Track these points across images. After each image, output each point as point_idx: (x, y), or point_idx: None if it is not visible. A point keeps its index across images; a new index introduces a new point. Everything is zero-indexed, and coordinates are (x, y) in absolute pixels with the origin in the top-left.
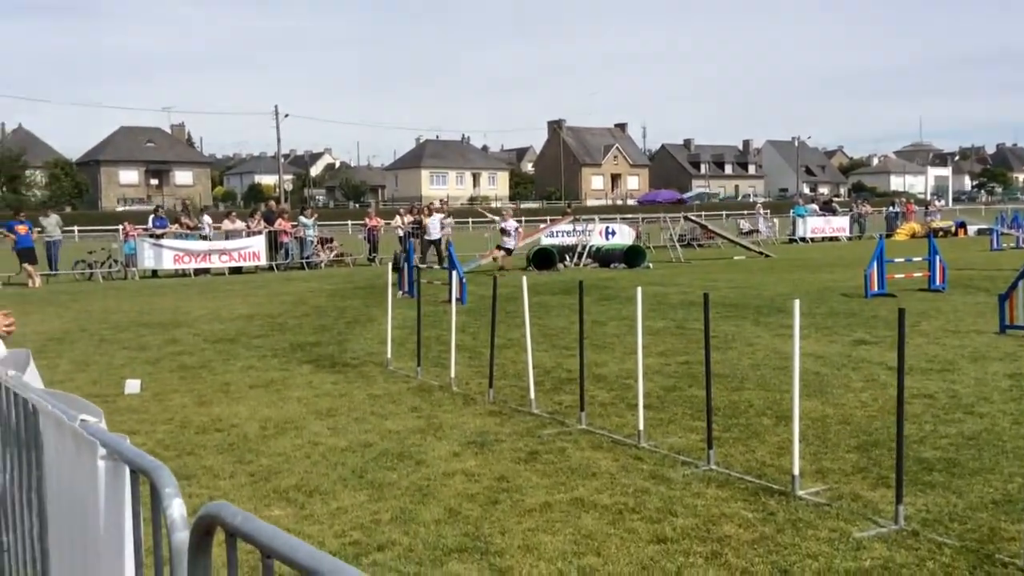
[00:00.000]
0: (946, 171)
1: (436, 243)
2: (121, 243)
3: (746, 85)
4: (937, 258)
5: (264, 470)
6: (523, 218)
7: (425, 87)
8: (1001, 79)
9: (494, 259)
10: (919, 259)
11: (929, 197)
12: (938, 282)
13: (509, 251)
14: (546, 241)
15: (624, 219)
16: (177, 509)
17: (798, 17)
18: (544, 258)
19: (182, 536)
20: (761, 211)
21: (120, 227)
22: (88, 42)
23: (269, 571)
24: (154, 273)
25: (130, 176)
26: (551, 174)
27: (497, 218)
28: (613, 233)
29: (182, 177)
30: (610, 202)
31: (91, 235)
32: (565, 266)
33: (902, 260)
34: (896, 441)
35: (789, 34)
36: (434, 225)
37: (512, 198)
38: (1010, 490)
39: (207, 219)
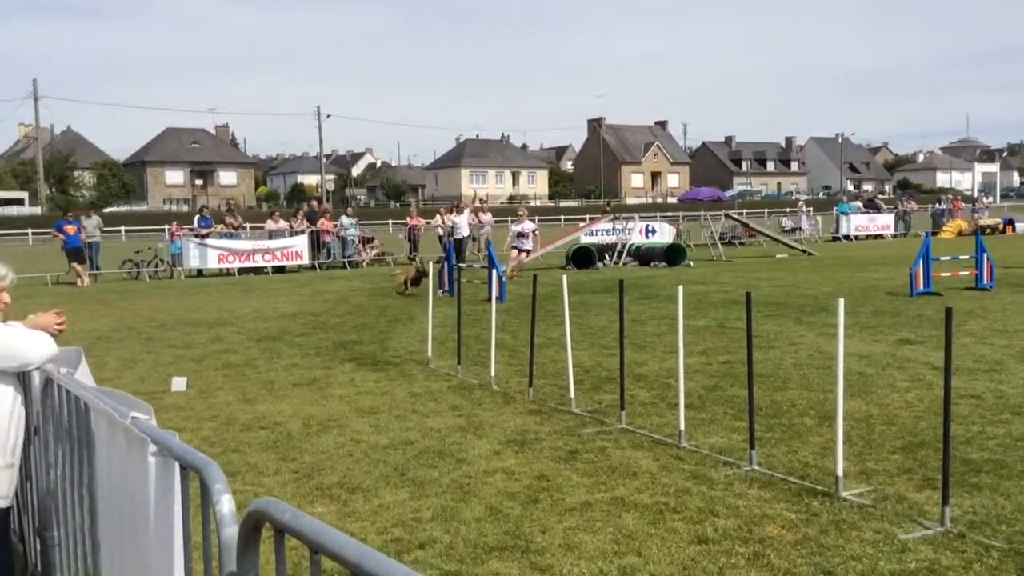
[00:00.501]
0: (994, 167)
1: (462, 241)
2: (168, 243)
3: (789, 82)
4: (984, 256)
5: (307, 467)
6: (562, 217)
7: (465, 86)
8: None
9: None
10: (966, 257)
11: (976, 194)
12: (986, 280)
13: (527, 253)
14: (585, 239)
15: (664, 217)
16: (227, 505)
17: (842, 12)
18: (583, 256)
19: (231, 531)
20: (804, 208)
21: (166, 227)
22: (134, 44)
23: (316, 567)
24: (199, 272)
25: (176, 176)
26: (591, 172)
27: (510, 220)
28: (653, 231)
29: (226, 177)
30: (650, 200)
31: (137, 235)
32: (605, 264)
33: (948, 258)
34: (943, 442)
35: (833, 30)
36: (461, 223)
37: (551, 196)
38: None
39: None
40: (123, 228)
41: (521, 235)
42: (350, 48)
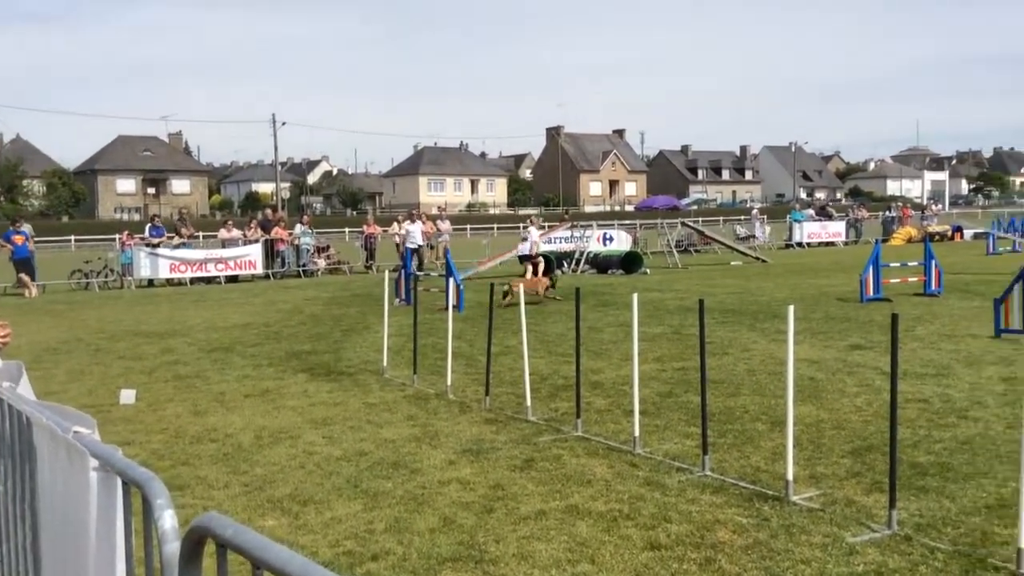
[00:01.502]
0: (943, 175)
1: (419, 250)
2: (118, 252)
3: (744, 92)
4: (933, 262)
5: (258, 480)
6: (520, 225)
7: (423, 94)
8: (998, 83)
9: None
10: (915, 264)
11: (926, 201)
12: (934, 287)
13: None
14: (544, 247)
15: (622, 225)
16: (168, 520)
17: (795, 23)
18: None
19: (173, 547)
20: (757, 216)
21: (117, 236)
22: (85, 51)
23: None
24: (150, 282)
25: (127, 185)
26: (549, 180)
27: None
28: (611, 239)
29: (179, 186)
30: (608, 208)
31: (88, 244)
32: (563, 272)
33: (898, 265)
34: (890, 446)
35: (786, 40)
36: (415, 232)
37: (511, 204)
38: (1003, 494)
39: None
40: (73, 238)
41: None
42: (306, 55)
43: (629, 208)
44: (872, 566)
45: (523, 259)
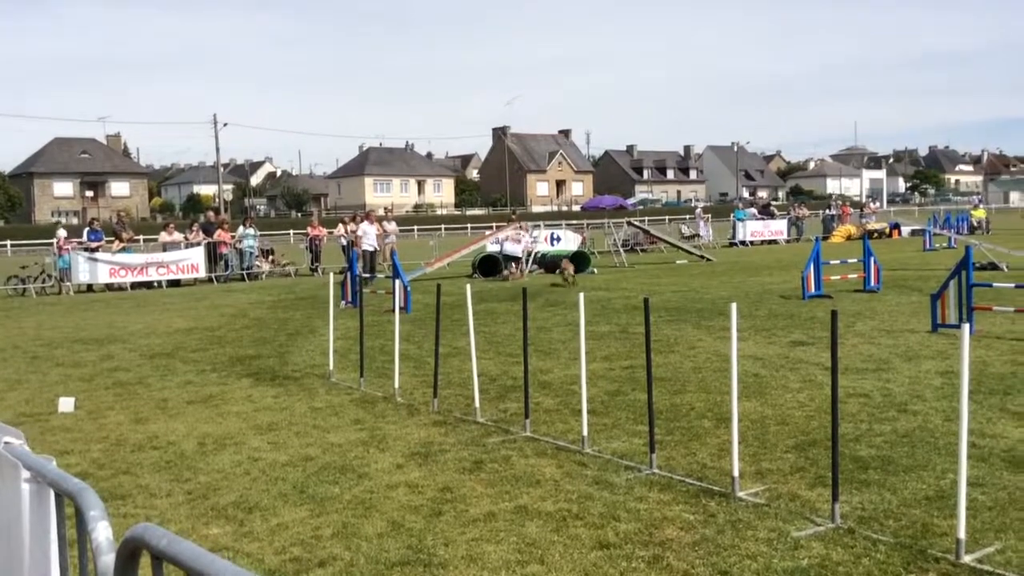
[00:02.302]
0: (880, 174)
1: (372, 254)
2: (55, 257)
3: (687, 92)
4: (872, 259)
5: (202, 487)
6: (468, 226)
7: (368, 94)
8: (933, 83)
9: (509, 275)
10: (854, 260)
11: (864, 199)
12: (873, 283)
13: (516, 260)
14: (492, 248)
15: (569, 225)
16: (102, 532)
17: (736, 23)
18: (490, 265)
19: (107, 560)
20: (701, 216)
21: (53, 240)
22: (18, 50)
23: None
24: (89, 288)
25: (65, 188)
26: (496, 181)
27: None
28: (558, 239)
29: (119, 188)
30: (555, 208)
31: (24, 249)
32: (511, 272)
33: (838, 262)
34: (832, 440)
35: (727, 41)
36: (368, 234)
37: (458, 205)
38: (942, 486)
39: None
40: (9, 243)
41: (513, 240)
42: (248, 55)
43: (576, 208)
44: (816, 559)
45: (510, 259)
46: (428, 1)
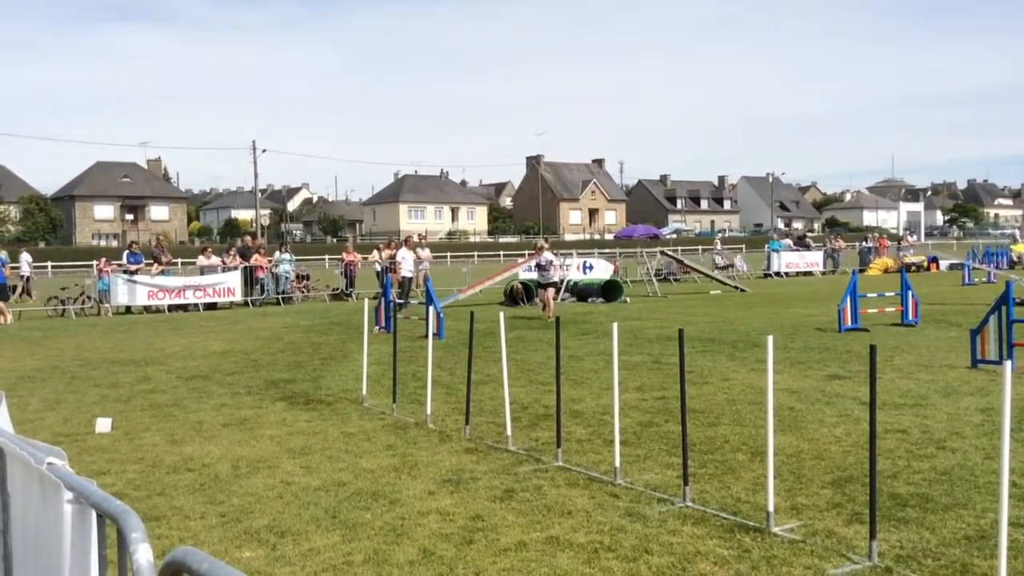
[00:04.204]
0: (918, 206)
1: (408, 281)
2: (95, 279)
3: (722, 122)
4: (909, 293)
5: (235, 511)
6: (501, 253)
7: (404, 122)
8: (973, 117)
9: (543, 304)
10: (892, 294)
11: (902, 232)
12: (911, 317)
13: (551, 286)
14: (524, 275)
15: (602, 254)
16: (143, 555)
17: (773, 55)
18: (523, 292)
19: None
20: (718, 247)
21: (94, 263)
22: (64, 77)
23: None
24: (127, 309)
25: (105, 211)
26: (529, 209)
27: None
28: (591, 267)
29: (158, 212)
30: (588, 236)
31: (65, 271)
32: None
33: (875, 295)
34: (870, 477)
35: (764, 72)
36: (406, 260)
37: (491, 233)
38: (982, 525)
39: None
40: (50, 264)
41: (542, 268)
42: (287, 82)
43: (609, 236)
44: None
45: (546, 285)
46: (465, 33)
